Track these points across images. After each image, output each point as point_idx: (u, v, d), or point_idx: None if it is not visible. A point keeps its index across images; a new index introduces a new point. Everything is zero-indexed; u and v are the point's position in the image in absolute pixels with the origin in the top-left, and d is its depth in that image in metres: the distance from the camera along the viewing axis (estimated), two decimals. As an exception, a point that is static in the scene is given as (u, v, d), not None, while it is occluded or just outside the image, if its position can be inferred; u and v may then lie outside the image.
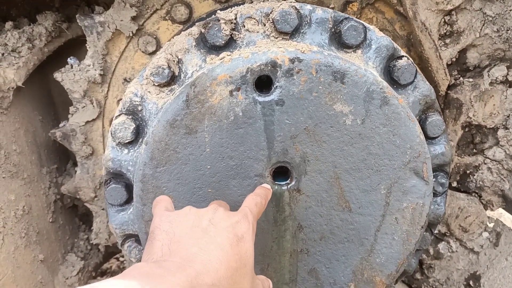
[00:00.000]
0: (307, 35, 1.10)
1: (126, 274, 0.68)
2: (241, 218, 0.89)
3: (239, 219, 0.88)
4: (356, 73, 1.05)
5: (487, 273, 1.58)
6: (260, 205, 0.99)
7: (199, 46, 1.09)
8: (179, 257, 0.76)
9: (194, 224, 0.84)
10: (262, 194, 1.03)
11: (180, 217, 0.87)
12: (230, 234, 0.83)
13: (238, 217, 0.89)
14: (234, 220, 0.87)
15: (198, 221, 0.85)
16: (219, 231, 0.83)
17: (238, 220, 0.88)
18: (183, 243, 0.79)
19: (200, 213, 0.88)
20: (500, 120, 1.48)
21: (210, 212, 0.89)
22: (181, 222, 0.85)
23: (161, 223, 0.86)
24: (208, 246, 0.79)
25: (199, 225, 0.84)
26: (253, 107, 1.05)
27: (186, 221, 0.86)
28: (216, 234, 0.82)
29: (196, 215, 0.88)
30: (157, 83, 1.08)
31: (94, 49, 1.38)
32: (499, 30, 1.39)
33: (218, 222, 0.85)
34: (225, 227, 0.84)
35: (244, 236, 0.85)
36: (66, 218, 1.65)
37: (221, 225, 0.85)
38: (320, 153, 1.10)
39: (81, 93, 1.42)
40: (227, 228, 0.84)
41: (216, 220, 0.86)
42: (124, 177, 1.15)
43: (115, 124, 1.10)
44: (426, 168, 1.13)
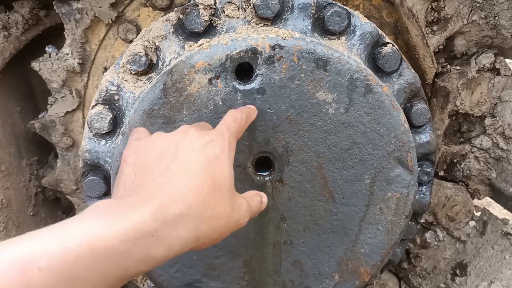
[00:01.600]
0: (289, 21, 1.07)
1: (81, 216, 0.62)
2: (215, 136, 0.80)
3: (211, 138, 0.79)
4: (339, 60, 1.02)
5: (474, 262, 1.57)
6: (240, 120, 0.89)
7: (177, 33, 1.05)
8: (143, 190, 0.69)
9: (161, 151, 0.77)
10: (243, 110, 0.94)
11: (147, 145, 0.79)
12: (200, 156, 0.75)
13: (211, 136, 0.80)
14: (205, 140, 0.78)
15: (166, 147, 0.77)
16: (188, 155, 0.75)
17: (210, 140, 0.79)
18: (148, 174, 0.72)
19: (168, 138, 0.80)
20: (487, 109, 1.47)
21: (180, 135, 0.80)
22: (147, 151, 0.78)
23: (127, 155, 0.79)
24: (175, 174, 0.71)
25: (166, 151, 0.76)
26: (233, 96, 1.02)
27: (153, 148, 0.78)
28: (184, 159, 0.74)
29: (164, 140, 0.80)
30: (134, 71, 1.04)
31: (72, 37, 1.34)
32: (486, 16, 1.37)
33: (187, 144, 0.77)
34: (194, 149, 0.76)
35: (217, 155, 0.76)
36: (48, 212, 1.62)
37: (190, 148, 0.76)
38: (303, 142, 1.08)
39: (59, 83, 1.38)
40: (197, 150, 0.76)
41: (185, 143, 0.77)
42: (102, 169, 1.12)
43: (91, 114, 1.07)
44: (410, 157, 1.11)
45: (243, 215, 0.80)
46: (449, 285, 1.61)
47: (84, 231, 0.57)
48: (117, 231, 0.58)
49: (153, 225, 0.62)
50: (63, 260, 0.53)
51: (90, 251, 0.55)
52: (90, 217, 0.60)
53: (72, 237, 0.55)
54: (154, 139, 0.81)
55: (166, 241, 0.64)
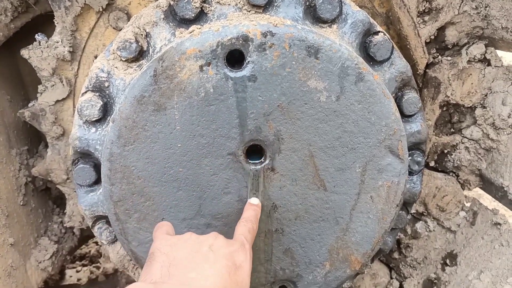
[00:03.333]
0: (280, 9, 1.06)
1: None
2: (240, 247, 0.91)
3: (237, 247, 0.90)
4: (330, 48, 1.02)
5: (464, 252, 1.59)
6: (252, 230, 1.01)
7: (168, 19, 1.04)
8: (177, 280, 0.78)
9: (194, 249, 0.86)
10: (252, 218, 1.04)
11: (181, 242, 0.89)
12: (229, 262, 0.85)
13: (237, 245, 0.91)
14: (233, 249, 0.89)
15: (198, 247, 0.87)
16: (218, 258, 0.84)
17: (237, 249, 0.89)
18: (182, 267, 0.81)
19: (200, 239, 0.90)
20: (478, 99, 1.48)
21: (211, 238, 0.90)
22: (182, 247, 0.87)
23: (161, 246, 0.87)
24: (206, 272, 0.81)
25: (199, 250, 0.86)
26: (224, 83, 1.01)
27: (186, 246, 0.87)
28: (215, 261, 0.84)
29: (197, 241, 0.89)
30: (124, 58, 1.03)
31: (62, 25, 1.32)
32: (477, 7, 1.37)
33: (218, 249, 0.87)
34: (224, 254, 0.86)
35: (242, 265, 0.87)
36: (38, 201, 1.61)
37: (221, 252, 0.86)
38: (294, 131, 1.08)
39: (49, 71, 1.36)
40: (226, 256, 0.86)
41: (216, 247, 0.87)
42: (92, 156, 1.11)
43: (81, 102, 1.06)
44: (401, 146, 1.12)
45: None
46: (439, 275, 1.62)
47: None
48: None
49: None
50: None
51: None
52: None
53: None
54: (187, 238, 0.91)
55: None
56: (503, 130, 1.45)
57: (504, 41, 1.39)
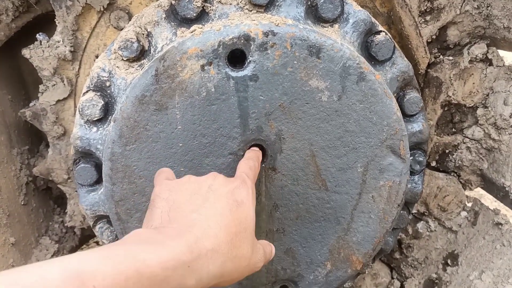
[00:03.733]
0: (282, 8, 1.06)
1: (125, 240, 0.68)
2: (240, 183, 0.88)
3: (238, 184, 0.88)
4: (332, 47, 1.02)
5: (465, 252, 1.59)
6: (254, 168, 0.98)
7: (169, 19, 1.04)
8: (179, 223, 0.75)
9: (194, 191, 0.84)
10: (254, 157, 1.02)
11: (180, 185, 0.87)
12: (229, 199, 0.83)
13: (237, 182, 0.88)
14: (233, 186, 0.87)
15: (198, 188, 0.85)
16: (219, 197, 0.82)
17: (237, 186, 0.87)
18: (182, 209, 0.79)
19: (199, 180, 0.88)
20: (480, 99, 1.47)
21: (210, 179, 0.88)
22: (181, 190, 0.85)
23: (161, 192, 0.85)
24: (208, 212, 0.78)
25: (198, 192, 0.84)
26: (226, 83, 1.01)
27: (186, 188, 0.85)
28: (215, 200, 0.81)
29: (196, 183, 0.87)
30: (126, 57, 1.03)
31: (63, 25, 1.32)
32: (479, 6, 1.37)
33: (218, 188, 0.85)
34: (224, 193, 0.84)
35: (243, 201, 0.84)
36: (39, 201, 1.61)
37: (221, 191, 0.84)
38: (296, 130, 1.07)
39: (51, 71, 1.36)
40: (226, 194, 0.84)
41: (215, 186, 0.85)
42: (93, 156, 1.11)
43: (82, 101, 1.05)
44: (403, 146, 1.11)
45: (260, 259, 0.86)
46: (441, 275, 1.62)
47: (131, 255, 0.61)
48: (159, 258, 0.63)
49: (189, 256, 0.68)
50: (114, 281, 0.57)
51: (137, 274, 0.59)
52: (134, 242, 0.66)
53: (121, 260, 0.59)
54: (186, 181, 0.88)
55: (197, 273, 0.69)
56: (504, 130, 1.45)
57: (506, 40, 1.39)
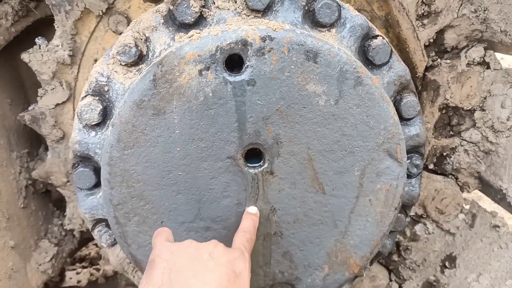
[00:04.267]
0: (279, 13, 1.07)
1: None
2: (239, 255, 0.91)
3: (237, 256, 0.91)
4: (329, 52, 1.03)
5: (463, 254, 1.59)
6: (251, 241, 1.02)
7: (167, 24, 1.05)
8: (179, 286, 0.79)
9: (194, 257, 0.87)
10: (251, 229, 1.05)
11: (181, 249, 0.89)
12: (229, 270, 0.85)
13: (237, 254, 0.91)
14: (232, 257, 0.89)
15: (199, 254, 0.88)
16: (218, 266, 0.85)
17: (236, 257, 0.90)
18: (183, 274, 0.82)
19: (200, 247, 0.91)
20: (477, 102, 1.48)
21: (211, 246, 0.91)
22: (182, 254, 0.88)
23: (162, 253, 0.88)
24: (207, 279, 0.82)
25: (199, 258, 0.87)
26: (223, 87, 1.02)
27: (187, 253, 0.88)
28: (215, 269, 0.84)
29: (197, 248, 0.90)
30: (124, 62, 1.04)
31: (62, 29, 1.33)
32: (476, 10, 1.37)
33: (218, 257, 0.88)
34: (224, 262, 0.87)
35: (241, 273, 0.88)
36: (38, 204, 1.61)
37: (221, 261, 0.87)
38: (293, 134, 1.08)
39: (50, 75, 1.37)
40: (226, 264, 0.86)
41: (216, 254, 0.88)
42: (92, 160, 1.12)
43: (81, 106, 1.06)
44: (400, 150, 1.12)
45: None
46: (439, 277, 1.63)
47: None
48: None
49: None
50: None
51: None
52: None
53: None
54: (187, 245, 0.91)
55: None
56: (502, 132, 1.46)
57: (503, 44, 1.39)
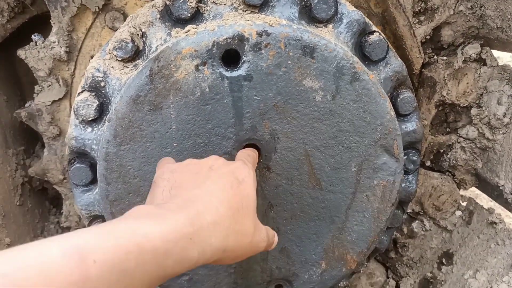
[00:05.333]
0: (276, 8, 1.07)
1: (126, 216, 0.68)
2: (241, 164, 0.90)
3: (239, 165, 0.89)
4: (325, 47, 1.03)
5: (460, 251, 1.59)
6: (252, 157, 1.00)
7: (164, 19, 1.05)
8: (180, 198, 0.76)
9: (195, 171, 0.85)
10: (250, 152, 1.03)
11: (182, 167, 0.88)
12: (231, 177, 0.84)
13: (238, 163, 0.90)
14: (234, 166, 0.88)
15: (199, 168, 0.86)
16: (220, 175, 0.83)
17: (238, 166, 0.88)
18: (184, 187, 0.80)
19: (201, 162, 0.90)
20: (474, 99, 1.48)
21: (211, 160, 0.90)
22: (183, 171, 0.86)
23: (163, 173, 0.86)
24: (209, 188, 0.79)
25: (200, 171, 0.85)
26: (220, 83, 1.02)
27: (188, 169, 0.87)
28: (217, 178, 0.82)
29: (197, 164, 0.89)
30: (121, 57, 1.04)
31: (59, 25, 1.32)
32: (473, 7, 1.38)
33: (219, 167, 0.86)
34: (226, 171, 0.85)
35: (245, 179, 0.85)
36: (35, 201, 1.61)
37: (222, 170, 0.85)
38: (290, 130, 1.08)
39: (46, 71, 1.37)
40: (227, 173, 0.85)
41: (216, 166, 0.87)
42: (88, 156, 1.11)
43: (77, 101, 1.06)
44: (396, 145, 1.12)
45: (262, 239, 0.87)
46: (436, 274, 1.63)
47: (131, 230, 0.61)
48: (160, 231, 0.63)
49: (190, 228, 0.68)
50: (115, 255, 0.56)
51: (137, 248, 0.59)
52: (134, 218, 0.66)
53: (121, 235, 0.59)
54: (187, 163, 0.90)
55: (200, 245, 0.69)
56: (498, 129, 1.46)
57: (499, 40, 1.39)
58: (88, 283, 0.52)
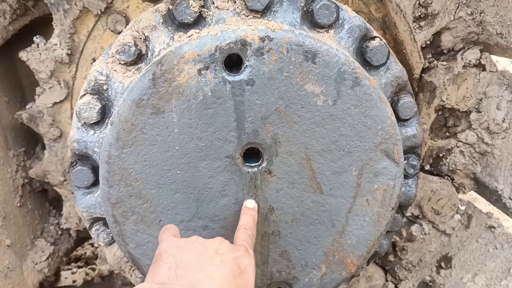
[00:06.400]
0: (278, 14, 1.07)
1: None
2: (244, 252, 0.93)
3: (242, 253, 0.92)
4: (327, 53, 1.03)
5: (458, 255, 1.60)
6: (252, 237, 1.03)
7: (166, 24, 1.05)
8: (185, 281, 0.79)
9: (201, 252, 0.88)
10: (251, 225, 1.06)
11: (187, 244, 0.90)
12: (234, 266, 0.87)
13: (242, 251, 0.93)
14: (238, 254, 0.91)
15: (204, 250, 0.89)
16: (224, 262, 0.86)
17: (242, 254, 0.91)
18: (189, 268, 0.82)
19: (206, 243, 0.92)
20: (473, 104, 1.49)
21: (216, 242, 0.92)
22: (188, 249, 0.88)
23: (168, 248, 0.89)
24: (213, 275, 0.82)
25: (205, 253, 0.87)
26: (222, 87, 1.02)
27: (194, 248, 0.89)
28: (221, 264, 0.85)
29: (203, 244, 0.91)
30: (123, 61, 1.04)
31: (61, 28, 1.33)
32: (472, 13, 1.39)
33: (224, 253, 0.89)
34: (230, 258, 0.88)
35: (247, 269, 0.89)
36: (35, 203, 1.61)
37: (227, 256, 0.88)
38: (292, 134, 1.09)
39: (47, 73, 1.37)
40: (231, 260, 0.88)
41: (221, 251, 0.89)
42: (90, 158, 1.12)
43: (80, 104, 1.06)
44: (397, 150, 1.13)
45: None
46: (434, 278, 1.64)
47: None
48: None
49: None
50: None
51: None
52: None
53: None
54: (194, 241, 0.92)
55: None
56: (497, 134, 1.47)
57: (498, 46, 1.41)
58: None
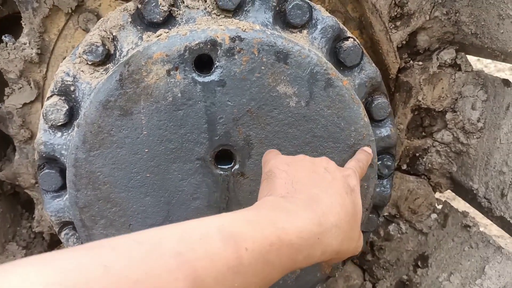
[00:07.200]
0: (250, 13, 1.06)
1: (260, 207, 0.73)
2: (352, 172, 0.92)
3: (350, 173, 0.91)
4: (299, 53, 1.02)
5: (435, 254, 1.61)
6: (362, 170, 1.01)
7: (135, 23, 1.03)
8: (304, 195, 0.78)
9: (312, 169, 0.87)
10: (364, 162, 1.04)
11: (297, 161, 0.90)
12: (344, 183, 0.86)
13: (350, 171, 0.92)
14: (346, 173, 0.90)
15: (314, 167, 0.88)
16: (335, 179, 0.85)
17: (349, 174, 0.91)
18: (304, 183, 0.81)
19: (315, 161, 0.91)
20: (449, 104, 1.50)
21: (324, 162, 0.91)
22: (299, 166, 0.88)
23: (278, 164, 0.88)
24: (328, 190, 0.81)
25: (315, 171, 0.87)
26: (192, 88, 1.00)
27: (303, 165, 0.88)
28: (332, 181, 0.85)
29: (312, 162, 0.90)
30: (91, 61, 1.01)
31: (30, 27, 1.29)
32: (448, 13, 1.39)
33: (333, 171, 0.88)
34: (339, 177, 0.87)
35: (355, 188, 0.88)
36: (6, 206, 1.57)
37: (336, 174, 0.87)
38: (264, 135, 1.07)
39: (17, 73, 1.33)
40: (341, 178, 0.87)
41: (330, 169, 0.89)
42: (58, 161, 1.09)
43: (46, 106, 1.03)
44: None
45: (360, 246, 0.89)
46: (411, 277, 1.64)
47: (272, 222, 0.66)
48: (296, 227, 0.68)
49: (319, 228, 0.72)
50: (261, 245, 0.62)
51: (279, 241, 0.64)
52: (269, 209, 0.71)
53: (265, 226, 0.64)
54: (302, 158, 0.92)
55: (323, 245, 0.73)
56: (472, 134, 1.48)
57: (473, 46, 1.41)
58: (242, 268, 0.58)
